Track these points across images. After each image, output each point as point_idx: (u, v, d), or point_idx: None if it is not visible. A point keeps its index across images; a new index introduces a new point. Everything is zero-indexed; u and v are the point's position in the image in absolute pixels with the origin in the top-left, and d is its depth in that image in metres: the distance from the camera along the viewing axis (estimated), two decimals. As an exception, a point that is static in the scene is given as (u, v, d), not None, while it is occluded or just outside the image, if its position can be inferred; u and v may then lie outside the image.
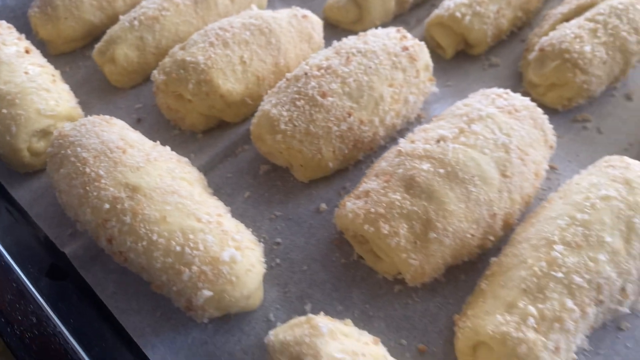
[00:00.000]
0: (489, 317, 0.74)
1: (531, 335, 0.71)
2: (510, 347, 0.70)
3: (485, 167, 0.84)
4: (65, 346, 0.80)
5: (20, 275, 0.85)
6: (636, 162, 0.85)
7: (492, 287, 0.78)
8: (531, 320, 0.71)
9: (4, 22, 1.18)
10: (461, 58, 1.19)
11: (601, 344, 0.79)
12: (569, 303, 0.72)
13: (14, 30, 1.18)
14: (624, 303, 0.77)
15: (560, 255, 0.75)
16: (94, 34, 1.26)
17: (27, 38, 1.18)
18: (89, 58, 1.25)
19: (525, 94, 1.07)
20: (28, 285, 0.84)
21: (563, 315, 0.72)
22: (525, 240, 0.80)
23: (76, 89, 1.16)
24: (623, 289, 0.76)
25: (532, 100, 1.05)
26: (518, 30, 1.21)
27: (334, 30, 1.25)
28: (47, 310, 0.81)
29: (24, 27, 1.26)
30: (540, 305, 0.72)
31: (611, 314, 0.78)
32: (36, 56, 1.14)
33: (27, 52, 1.12)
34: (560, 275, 0.73)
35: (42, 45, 1.25)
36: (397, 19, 1.28)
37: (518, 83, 1.12)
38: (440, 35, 1.16)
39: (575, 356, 0.74)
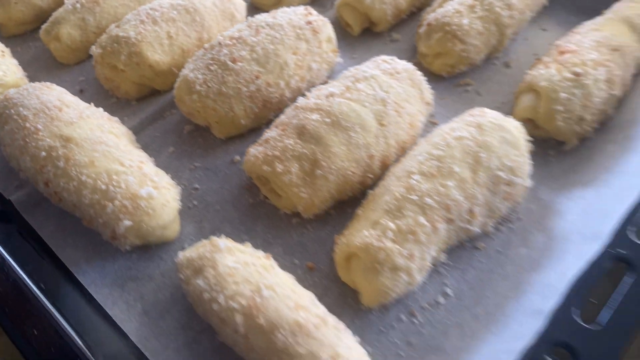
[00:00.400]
0: (358, 233, 0.90)
1: (389, 244, 0.87)
2: (372, 255, 0.86)
3: (364, 117, 1.00)
4: (10, 271, 0.93)
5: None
6: (492, 111, 1.02)
7: (365, 212, 0.94)
8: (389, 233, 0.87)
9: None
10: (367, 35, 1.35)
11: (460, 260, 0.96)
12: (422, 219, 0.89)
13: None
14: (473, 223, 0.93)
15: (417, 183, 0.91)
16: (42, 18, 1.40)
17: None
18: (37, 39, 1.39)
19: (417, 63, 1.25)
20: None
21: (416, 229, 0.88)
22: (393, 173, 0.97)
23: (26, 65, 1.31)
24: (471, 211, 0.93)
25: (423, 68, 1.23)
26: (418, 11, 1.38)
27: (257, 12, 1.41)
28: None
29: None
30: (397, 222, 0.88)
31: (465, 233, 0.94)
32: (-16, 35, 1.28)
33: (-24, 31, 1.26)
34: (415, 197, 0.90)
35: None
36: (314, 2, 1.44)
37: (413, 55, 1.29)
38: (347, 14, 1.32)
39: (429, 263, 0.90)
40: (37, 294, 0.85)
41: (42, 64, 1.34)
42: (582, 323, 0.77)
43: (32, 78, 1.27)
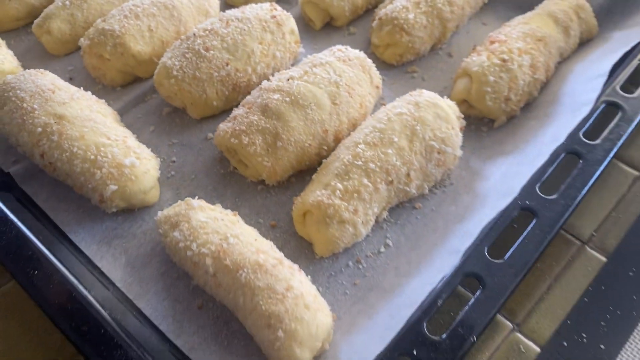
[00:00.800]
0: (312, 193, 1.05)
1: (337, 201, 1.02)
2: (323, 210, 1.02)
3: (319, 97, 1.16)
4: (13, 227, 1.07)
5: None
6: (428, 92, 1.19)
7: (318, 176, 1.10)
8: (338, 193, 1.03)
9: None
10: (328, 29, 1.52)
11: (400, 217, 1.12)
12: (365, 181, 1.05)
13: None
14: (410, 185, 1.09)
15: (362, 151, 1.07)
16: (35, 14, 1.53)
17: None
18: (30, 34, 1.52)
19: (371, 54, 1.42)
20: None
21: (360, 189, 1.04)
22: (343, 144, 1.13)
23: (20, 56, 1.44)
24: (408, 174, 1.09)
25: (375, 57, 1.40)
26: (372, 7, 1.55)
27: (230, 8, 1.56)
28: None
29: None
30: (345, 183, 1.04)
31: (403, 194, 1.10)
32: (-15, 30, 1.41)
33: (-23, 26, 1.40)
34: (360, 163, 1.06)
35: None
36: (281, 0, 1.60)
37: (368, 46, 1.46)
38: (310, 10, 1.49)
39: (372, 218, 1.06)
40: (35, 243, 0.99)
41: (34, 55, 1.48)
42: (490, 258, 0.93)
43: (25, 67, 1.40)
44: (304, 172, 1.19)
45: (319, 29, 1.52)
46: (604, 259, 1.06)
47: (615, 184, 1.18)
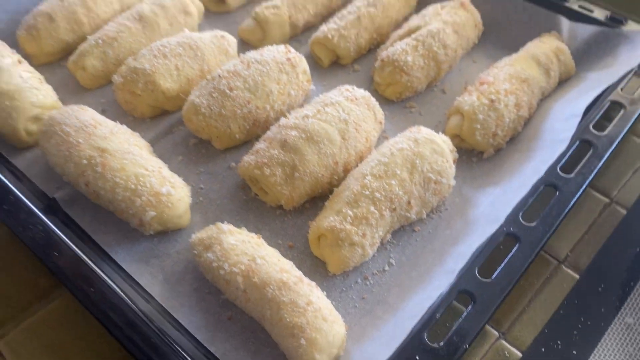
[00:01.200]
0: (326, 218, 1.21)
1: (348, 226, 1.18)
2: (336, 234, 1.18)
3: (331, 133, 1.33)
4: (66, 247, 1.21)
5: (32, 209, 1.27)
6: (426, 128, 1.35)
7: (330, 203, 1.26)
8: (348, 219, 1.19)
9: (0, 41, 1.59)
10: (334, 66, 1.69)
11: (401, 239, 1.28)
12: (372, 208, 1.21)
13: (7, 46, 1.59)
14: (410, 212, 1.26)
15: (369, 182, 1.23)
16: (68, 50, 1.68)
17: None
18: (64, 67, 1.67)
19: (373, 90, 1.59)
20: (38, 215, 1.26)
21: (368, 216, 1.20)
22: (352, 175, 1.29)
23: (55, 89, 1.59)
24: (409, 202, 1.25)
25: (377, 94, 1.57)
26: (375, 48, 1.72)
27: (245, 46, 1.73)
28: (49, 225, 1.23)
29: (13, 45, 1.67)
30: (354, 210, 1.20)
31: (405, 220, 1.27)
32: (26, 65, 1.56)
33: (19, 62, 1.54)
34: (367, 193, 1.22)
35: (27, 58, 1.67)
36: (292, 38, 1.77)
37: (370, 83, 1.63)
38: (319, 50, 1.66)
39: (378, 241, 1.22)
40: (87, 262, 1.14)
41: (68, 89, 1.62)
42: (480, 278, 1.10)
43: (61, 99, 1.55)
44: (317, 199, 1.35)
45: (327, 67, 1.68)
46: (577, 276, 1.23)
47: (588, 209, 1.35)
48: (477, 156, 1.45)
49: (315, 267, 1.23)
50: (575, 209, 1.27)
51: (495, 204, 1.28)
